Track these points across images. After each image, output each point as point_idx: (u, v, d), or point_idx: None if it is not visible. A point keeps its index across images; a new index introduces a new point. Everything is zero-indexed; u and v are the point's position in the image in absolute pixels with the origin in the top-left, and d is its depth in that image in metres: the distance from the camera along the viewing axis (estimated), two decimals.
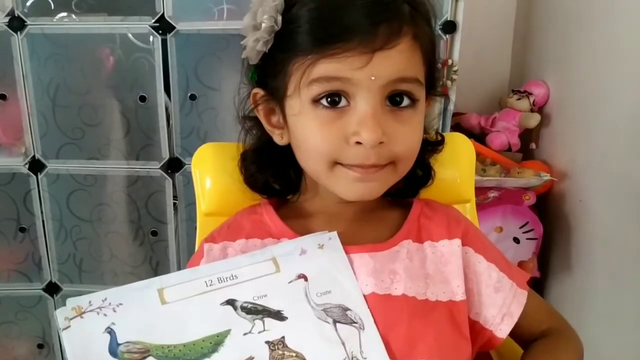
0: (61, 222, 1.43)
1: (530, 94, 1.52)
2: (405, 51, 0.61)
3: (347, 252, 0.66)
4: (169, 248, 1.44)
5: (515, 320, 0.68)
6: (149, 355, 0.56)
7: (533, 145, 1.56)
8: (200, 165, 0.85)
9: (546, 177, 1.43)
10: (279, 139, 0.70)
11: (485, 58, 1.71)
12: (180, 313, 0.59)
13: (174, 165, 1.37)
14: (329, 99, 0.62)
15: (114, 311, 0.58)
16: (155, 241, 1.45)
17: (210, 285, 0.61)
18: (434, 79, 0.68)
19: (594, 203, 1.34)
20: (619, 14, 1.24)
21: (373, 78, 0.60)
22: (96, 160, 1.38)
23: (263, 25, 0.62)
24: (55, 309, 1.58)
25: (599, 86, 1.32)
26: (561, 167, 1.47)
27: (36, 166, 1.37)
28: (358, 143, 0.61)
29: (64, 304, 1.61)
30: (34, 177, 1.38)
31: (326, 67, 0.60)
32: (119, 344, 0.56)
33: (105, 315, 0.58)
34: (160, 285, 0.61)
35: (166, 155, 1.36)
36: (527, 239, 1.46)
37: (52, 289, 1.48)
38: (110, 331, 0.57)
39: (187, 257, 1.43)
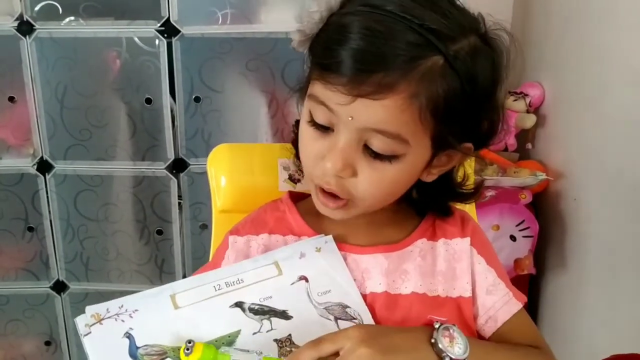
0: (68, 222, 1.46)
1: (526, 95, 1.55)
2: (392, 107, 0.58)
3: (363, 253, 0.69)
4: (173, 246, 1.47)
5: (499, 325, 0.69)
6: (166, 357, 0.60)
7: (529, 146, 1.59)
8: (215, 165, 0.89)
9: (542, 176, 1.46)
10: None
11: None
12: (193, 316, 0.63)
13: (179, 166, 1.40)
14: (317, 125, 0.63)
15: (131, 317, 0.61)
16: (161, 240, 1.48)
17: (219, 289, 0.65)
18: (451, 135, 0.63)
19: (588, 201, 1.36)
20: (613, 16, 1.26)
21: (350, 119, 0.59)
22: (103, 161, 1.41)
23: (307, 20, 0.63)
24: (62, 307, 1.60)
25: (593, 87, 1.33)
26: (556, 167, 1.49)
27: (44, 167, 1.40)
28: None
29: (71, 302, 1.62)
30: (42, 177, 1.41)
31: (319, 90, 0.61)
32: (137, 347, 0.60)
33: (122, 321, 0.61)
34: (172, 292, 0.64)
35: (171, 156, 1.39)
36: (524, 236, 1.49)
37: (60, 287, 1.51)
38: (129, 336, 0.60)
39: (192, 255, 1.46)
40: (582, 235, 1.39)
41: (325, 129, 0.62)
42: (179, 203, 1.44)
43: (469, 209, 0.89)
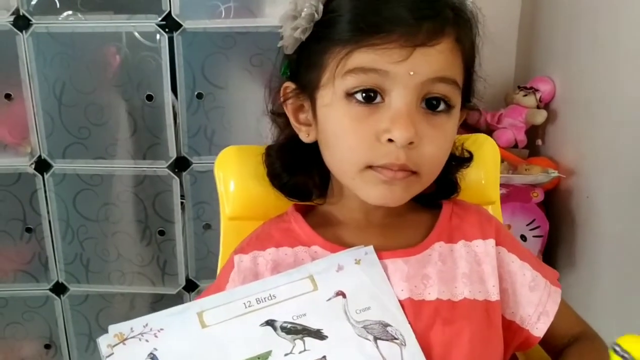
0: (68, 222, 1.42)
1: (537, 90, 1.52)
2: (446, 52, 0.60)
3: (380, 258, 0.65)
4: (176, 247, 1.43)
5: (552, 318, 0.68)
6: None
7: (539, 142, 1.57)
8: (223, 168, 0.83)
9: (554, 173, 1.43)
10: (304, 136, 0.69)
11: (490, 54, 1.70)
12: (221, 336, 0.59)
13: (181, 164, 1.37)
14: (363, 94, 0.60)
15: (156, 336, 0.58)
16: (163, 241, 1.44)
17: (249, 306, 0.60)
18: (470, 90, 0.67)
19: (601, 199, 1.34)
20: (624, 9, 1.24)
21: (412, 73, 0.58)
22: (103, 160, 1.37)
23: (303, 12, 0.62)
24: (62, 309, 1.57)
25: (605, 82, 1.32)
26: (568, 164, 1.47)
27: (42, 166, 1.37)
28: (389, 141, 0.60)
29: (71, 304, 1.59)
30: (40, 177, 1.37)
31: (363, 58, 0.59)
32: None
33: (147, 341, 0.57)
34: (199, 309, 0.60)
35: (173, 154, 1.36)
36: (534, 236, 1.46)
37: (59, 289, 1.48)
38: (153, 357, 0.57)
39: (195, 256, 1.43)
40: (595, 234, 1.37)
41: (370, 101, 0.60)
42: (182, 203, 1.40)
43: (495, 212, 0.85)
